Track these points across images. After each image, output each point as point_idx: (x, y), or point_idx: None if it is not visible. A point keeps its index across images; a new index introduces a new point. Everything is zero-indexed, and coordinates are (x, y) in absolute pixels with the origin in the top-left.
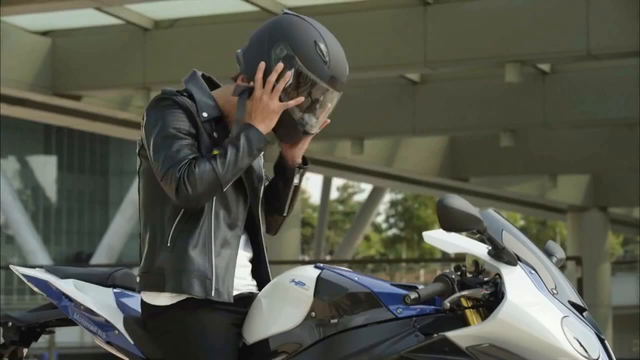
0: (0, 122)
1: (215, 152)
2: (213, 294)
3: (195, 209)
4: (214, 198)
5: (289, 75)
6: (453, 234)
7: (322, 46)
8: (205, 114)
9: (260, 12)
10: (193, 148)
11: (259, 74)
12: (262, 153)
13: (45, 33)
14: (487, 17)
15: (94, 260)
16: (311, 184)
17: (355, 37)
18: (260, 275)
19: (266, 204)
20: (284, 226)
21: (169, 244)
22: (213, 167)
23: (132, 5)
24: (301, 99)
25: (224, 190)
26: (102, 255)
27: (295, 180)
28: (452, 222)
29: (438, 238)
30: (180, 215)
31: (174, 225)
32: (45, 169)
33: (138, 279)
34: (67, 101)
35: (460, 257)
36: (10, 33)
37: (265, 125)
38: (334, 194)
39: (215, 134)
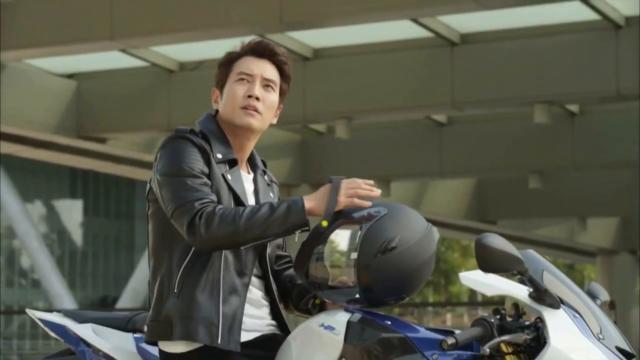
0: (26, 166)
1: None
2: (220, 342)
3: (204, 253)
4: None
5: (378, 193)
6: (491, 275)
7: None
8: (219, 155)
9: (288, 53)
10: (208, 188)
11: (362, 185)
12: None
13: (70, 76)
14: (515, 57)
15: (120, 305)
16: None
17: (382, 78)
18: (278, 315)
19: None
20: None
21: (175, 290)
22: (235, 218)
23: (157, 47)
24: (368, 203)
25: (241, 248)
26: (128, 299)
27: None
28: (491, 262)
29: (476, 279)
30: (188, 259)
31: (181, 270)
32: (71, 213)
33: (146, 328)
34: (92, 144)
35: (488, 300)
36: (35, 76)
37: (317, 204)
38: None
39: (228, 177)
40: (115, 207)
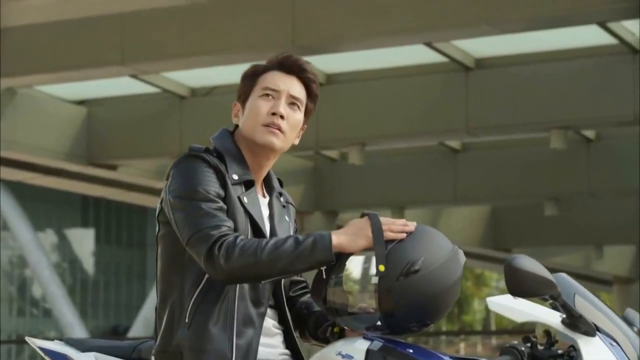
0: (38, 194)
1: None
2: None
3: (218, 282)
4: None
5: (412, 227)
6: (520, 299)
7: None
8: (235, 176)
9: None
10: (224, 212)
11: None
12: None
13: (80, 102)
14: (531, 81)
15: (132, 334)
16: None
17: (395, 103)
18: (292, 343)
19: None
20: None
21: (187, 320)
22: (257, 251)
23: (169, 73)
24: (402, 235)
25: (262, 283)
26: (140, 328)
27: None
28: (522, 286)
29: (504, 305)
30: (201, 287)
31: (193, 298)
32: (83, 241)
33: (153, 358)
34: (102, 171)
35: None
36: (45, 102)
37: (347, 241)
38: (367, 276)
39: (245, 199)
40: (127, 235)
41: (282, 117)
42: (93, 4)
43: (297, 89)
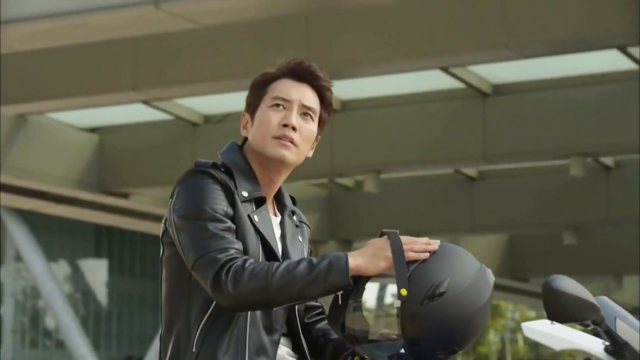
0: (51, 225)
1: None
2: None
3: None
4: None
5: (436, 246)
6: (558, 325)
7: None
8: (245, 193)
9: None
10: (233, 233)
11: (417, 241)
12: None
13: (92, 130)
14: (549, 108)
15: None
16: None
17: (411, 130)
18: None
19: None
20: None
21: (194, 349)
22: (267, 275)
23: (182, 100)
24: (425, 255)
25: (274, 309)
26: (153, 359)
27: None
28: (562, 310)
29: (541, 331)
30: (209, 314)
31: (201, 325)
32: (96, 272)
33: None
34: (114, 199)
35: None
36: (57, 130)
37: (365, 263)
38: (388, 299)
39: (255, 217)
40: (140, 266)
41: (294, 128)
42: (104, 28)
43: (309, 97)
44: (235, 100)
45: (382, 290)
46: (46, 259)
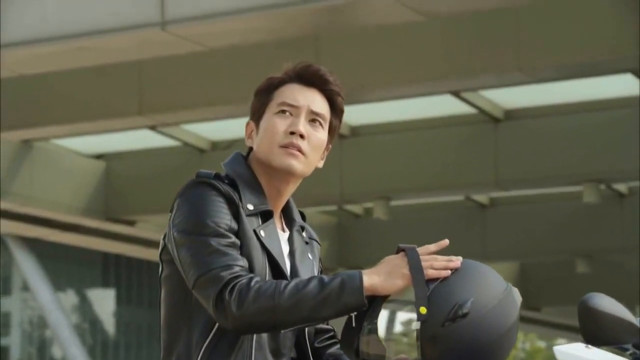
0: (58, 254)
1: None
2: None
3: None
4: None
5: (458, 264)
6: (594, 349)
7: None
8: (250, 206)
9: None
10: (237, 249)
11: (437, 257)
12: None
13: (98, 156)
14: (562, 133)
15: None
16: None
17: (422, 156)
18: None
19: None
20: None
21: None
22: (274, 295)
23: (189, 126)
24: (447, 272)
25: (281, 332)
26: None
27: None
28: (600, 331)
29: (575, 355)
30: (211, 337)
31: (203, 349)
32: (104, 302)
33: None
34: (121, 227)
35: None
36: (62, 157)
37: (381, 281)
38: (398, 328)
39: (262, 232)
40: (148, 295)
41: (302, 136)
42: (109, 51)
43: (318, 103)
44: (243, 126)
45: (399, 312)
46: (53, 288)
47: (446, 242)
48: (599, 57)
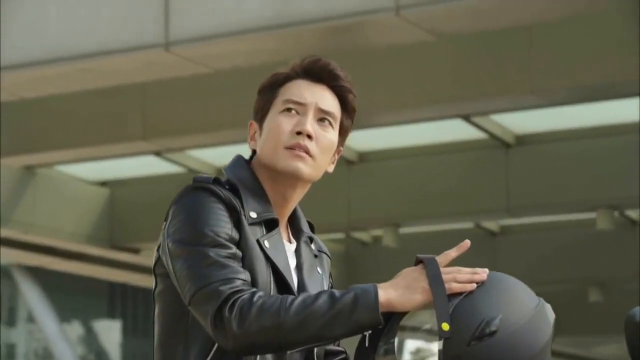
0: (64, 284)
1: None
2: None
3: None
4: None
5: (484, 276)
6: None
7: None
8: (253, 214)
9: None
10: (238, 261)
11: (462, 268)
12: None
13: (103, 183)
14: (575, 158)
15: None
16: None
17: (431, 182)
18: None
19: None
20: None
21: None
22: (280, 311)
23: (194, 151)
24: (472, 286)
25: (287, 353)
26: None
27: None
28: None
29: None
30: (210, 358)
31: None
32: (109, 333)
33: None
34: (125, 255)
35: None
36: (65, 183)
37: (398, 296)
38: (406, 357)
39: (266, 243)
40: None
41: (309, 136)
42: (112, 73)
43: (327, 101)
44: (248, 152)
45: (419, 330)
46: (59, 319)
47: (467, 243)
48: (615, 79)
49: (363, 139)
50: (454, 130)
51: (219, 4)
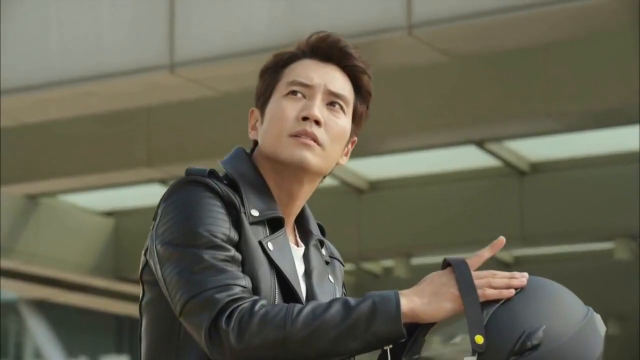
0: (71, 320)
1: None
2: None
3: None
4: None
5: (523, 282)
6: None
7: None
8: (255, 212)
9: (342, 185)
10: (238, 265)
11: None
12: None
13: (108, 214)
14: (592, 187)
15: None
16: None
17: (444, 211)
18: None
19: None
20: None
21: None
22: (285, 322)
23: None
24: (510, 292)
25: None
26: None
27: None
28: None
29: None
30: None
31: None
32: None
33: None
34: (130, 286)
35: None
36: (69, 214)
37: (423, 304)
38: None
39: (270, 245)
40: None
41: (317, 122)
42: (116, 96)
43: (338, 82)
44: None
45: (448, 343)
46: (66, 355)
47: (502, 240)
48: (635, 103)
49: (374, 167)
50: (467, 158)
51: (225, 24)
